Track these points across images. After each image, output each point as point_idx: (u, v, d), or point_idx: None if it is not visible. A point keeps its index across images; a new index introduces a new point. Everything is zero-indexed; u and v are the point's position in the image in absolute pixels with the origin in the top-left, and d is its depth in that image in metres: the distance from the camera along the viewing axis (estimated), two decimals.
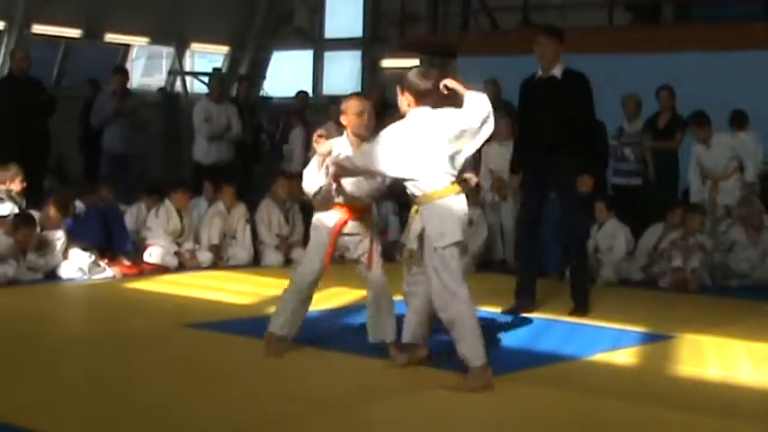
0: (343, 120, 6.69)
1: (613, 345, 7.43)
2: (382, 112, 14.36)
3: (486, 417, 5.59)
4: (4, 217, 9.85)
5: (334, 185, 6.41)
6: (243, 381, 6.08)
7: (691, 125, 11.73)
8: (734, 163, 11.54)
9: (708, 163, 11.60)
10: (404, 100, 6.13)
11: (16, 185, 10.47)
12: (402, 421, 5.42)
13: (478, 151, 12.17)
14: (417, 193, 6.01)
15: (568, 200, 8.45)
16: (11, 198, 10.37)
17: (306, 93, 16.58)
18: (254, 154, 15.20)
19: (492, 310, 8.62)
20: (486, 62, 14.23)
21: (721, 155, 11.54)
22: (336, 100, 14.29)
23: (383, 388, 6.06)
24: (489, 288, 9.93)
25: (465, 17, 17.17)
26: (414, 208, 6.18)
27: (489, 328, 7.89)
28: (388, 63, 21.50)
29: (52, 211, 9.93)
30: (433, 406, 5.71)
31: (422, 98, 6.07)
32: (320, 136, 6.51)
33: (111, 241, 10.57)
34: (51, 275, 9.77)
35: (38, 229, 9.76)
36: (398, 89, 6.16)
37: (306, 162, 14.12)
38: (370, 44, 21.75)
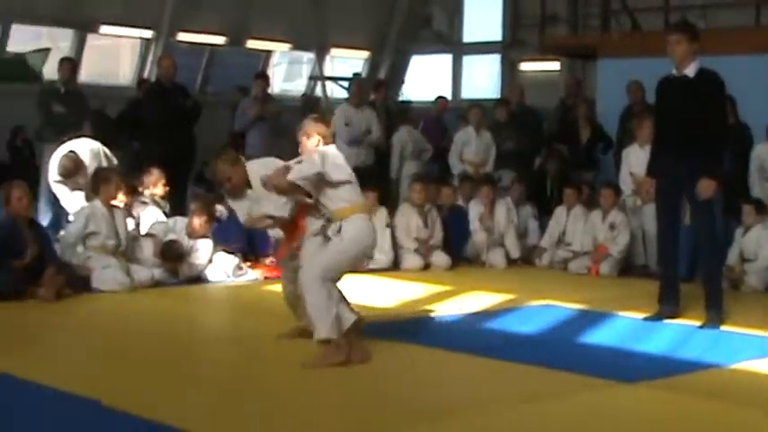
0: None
1: (760, 353, 7.23)
2: (521, 115, 14.34)
3: (625, 424, 5.51)
4: (155, 227, 10.13)
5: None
6: (378, 383, 6.12)
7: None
8: None
9: None
10: (314, 139, 6.76)
11: (159, 190, 10.74)
12: (532, 428, 5.39)
13: (618, 155, 12.15)
14: (337, 207, 6.59)
15: (695, 204, 8.26)
16: (155, 202, 10.66)
17: (444, 97, 16.59)
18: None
19: (635, 316, 8.51)
20: (628, 64, 14.03)
21: None
22: (476, 103, 14.39)
23: (515, 392, 6.03)
24: (632, 293, 9.81)
25: (605, 18, 16.96)
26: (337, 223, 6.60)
27: (632, 335, 7.81)
28: (527, 66, 21.40)
29: (197, 221, 10.13)
30: (567, 411, 5.67)
31: (328, 138, 6.84)
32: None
33: (253, 244, 10.75)
34: (196, 278, 9.99)
35: (186, 241, 9.99)
36: (305, 133, 6.82)
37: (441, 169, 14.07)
38: (510, 47, 21.68)
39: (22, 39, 19.34)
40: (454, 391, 6.08)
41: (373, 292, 9.46)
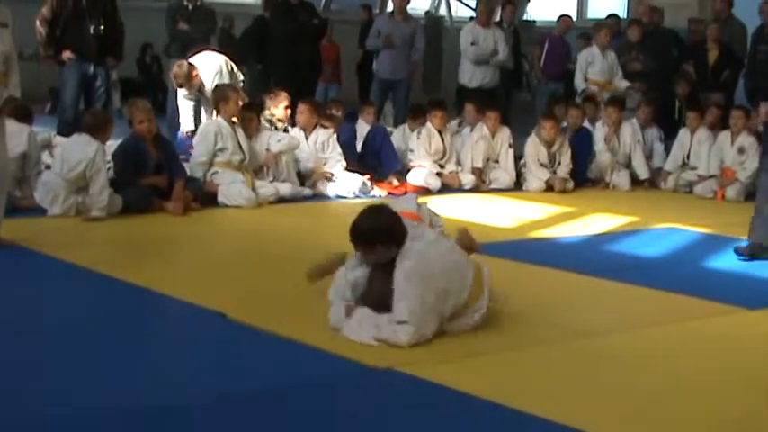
0: None
1: None
2: (651, 36, 13.97)
3: (748, 351, 5.39)
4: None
5: None
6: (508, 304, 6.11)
7: None
8: None
9: None
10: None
11: (280, 111, 10.57)
12: (657, 351, 5.36)
13: (749, 76, 11.82)
14: None
15: None
16: (269, 122, 10.45)
17: (569, 16, 16.25)
18: (517, 80, 15.10)
19: None
20: None
21: None
22: (603, 23, 14.11)
23: (641, 316, 5.99)
24: None
25: None
26: None
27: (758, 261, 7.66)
28: None
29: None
30: (691, 336, 5.62)
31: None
32: None
33: (380, 161, 10.81)
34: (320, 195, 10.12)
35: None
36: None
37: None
38: None
39: None
40: (583, 312, 6.06)
41: (495, 213, 9.45)
